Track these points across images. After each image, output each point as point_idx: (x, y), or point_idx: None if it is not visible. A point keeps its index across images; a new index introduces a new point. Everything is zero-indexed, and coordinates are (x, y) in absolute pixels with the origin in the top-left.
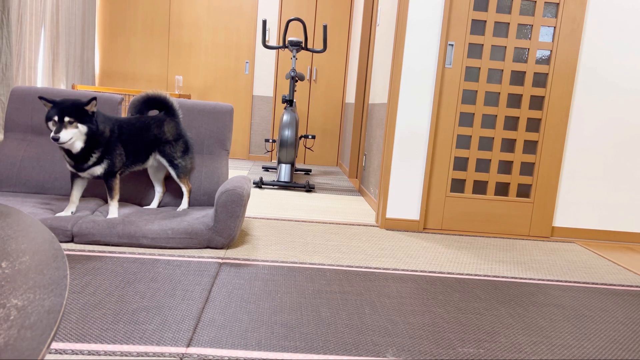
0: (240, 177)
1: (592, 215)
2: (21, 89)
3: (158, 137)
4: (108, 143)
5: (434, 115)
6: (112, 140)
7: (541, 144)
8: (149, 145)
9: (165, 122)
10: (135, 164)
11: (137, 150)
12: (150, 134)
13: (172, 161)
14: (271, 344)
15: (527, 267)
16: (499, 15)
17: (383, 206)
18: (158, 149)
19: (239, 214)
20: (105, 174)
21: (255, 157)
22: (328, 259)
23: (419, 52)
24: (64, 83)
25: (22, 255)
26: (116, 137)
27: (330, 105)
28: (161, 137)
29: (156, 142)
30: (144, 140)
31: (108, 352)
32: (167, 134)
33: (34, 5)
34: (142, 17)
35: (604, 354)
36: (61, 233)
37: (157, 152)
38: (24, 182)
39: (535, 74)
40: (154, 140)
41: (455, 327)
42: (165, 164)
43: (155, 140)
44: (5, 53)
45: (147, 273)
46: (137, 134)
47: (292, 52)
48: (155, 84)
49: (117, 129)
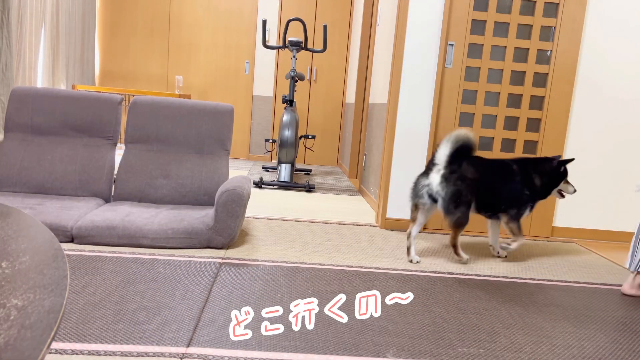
0: (240, 177)
1: (592, 215)
2: (21, 89)
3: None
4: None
5: (434, 115)
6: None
7: (541, 144)
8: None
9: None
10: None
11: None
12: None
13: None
14: (271, 344)
15: (527, 267)
16: (499, 15)
17: (383, 206)
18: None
19: (239, 213)
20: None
21: (255, 157)
22: (328, 259)
23: (419, 52)
24: (64, 83)
25: (22, 255)
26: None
27: (330, 105)
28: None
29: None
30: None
31: (108, 352)
32: None
33: (34, 5)
34: (142, 17)
35: (604, 354)
36: (61, 233)
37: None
38: (24, 182)
39: (535, 74)
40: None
41: (455, 327)
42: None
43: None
44: (5, 53)
45: (147, 273)
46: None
47: (292, 52)
48: (155, 84)
49: None
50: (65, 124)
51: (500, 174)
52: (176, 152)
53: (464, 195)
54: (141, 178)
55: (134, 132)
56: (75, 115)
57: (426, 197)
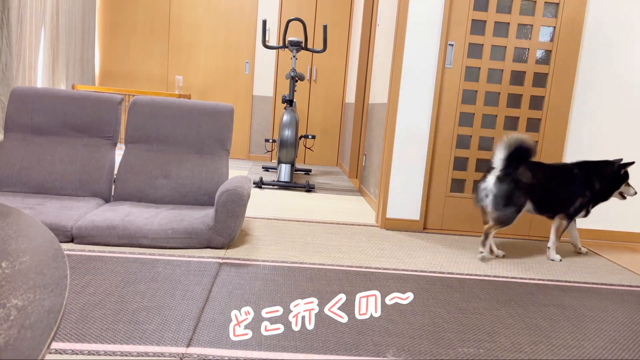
0: (240, 177)
1: (592, 215)
2: (21, 89)
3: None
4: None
5: (434, 115)
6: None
7: (541, 144)
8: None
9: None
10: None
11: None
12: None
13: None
14: (271, 344)
15: (527, 267)
16: (499, 15)
17: (383, 206)
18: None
19: (239, 213)
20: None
21: (255, 157)
22: (328, 259)
23: (419, 52)
24: (64, 83)
25: (22, 255)
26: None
27: (330, 105)
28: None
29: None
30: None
31: (108, 352)
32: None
33: (34, 5)
34: (142, 17)
35: (604, 354)
36: (61, 233)
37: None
38: (24, 182)
39: (535, 74)
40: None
41: (455, 327)
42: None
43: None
44: (5, 53)
45: (147, 273)
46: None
47: (292, 52)
48: (155, 84)
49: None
50: (65, 124)
51: (562, 178)
52: (176, 152)
53: (515, 197)
54: (141, 178)
55: (134, 132)
56: (75, 115)
57: (486, 199)
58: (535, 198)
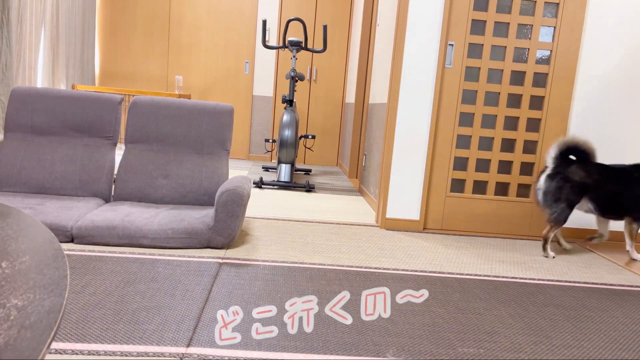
0: (240, 177)
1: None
2: (21, 89)
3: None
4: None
5: (434, 115)
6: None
7: (541, 144)
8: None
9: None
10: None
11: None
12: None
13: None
14: (271, 344)
15: (527, 267)
16: (499, 15)
17: (383, 206)
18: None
19: (239, 213)
20: None
21: (255, 157)
22: (328, 259)
23: (419, 52)
24: (64, 83)
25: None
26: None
27: (330, 105)
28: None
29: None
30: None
31: (108, 352)
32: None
33: (34, 5)
34: (142, 17)
35: (604, 354)
36: (61, 233)
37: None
38: (24, 182)
39: (535, 74)
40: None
41: (455, 327)
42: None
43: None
44: (5, 53)
45: (147, 273)
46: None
47: (292, 52)
48: (155, 84)
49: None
50: (65, 124)
51: (621, 179)
52: (176, 152)
53: (564, 193)
54: (141, 178)
55: (134, 132)
56: (75, 115)
57: (540, 199)
58: (595, 198)
